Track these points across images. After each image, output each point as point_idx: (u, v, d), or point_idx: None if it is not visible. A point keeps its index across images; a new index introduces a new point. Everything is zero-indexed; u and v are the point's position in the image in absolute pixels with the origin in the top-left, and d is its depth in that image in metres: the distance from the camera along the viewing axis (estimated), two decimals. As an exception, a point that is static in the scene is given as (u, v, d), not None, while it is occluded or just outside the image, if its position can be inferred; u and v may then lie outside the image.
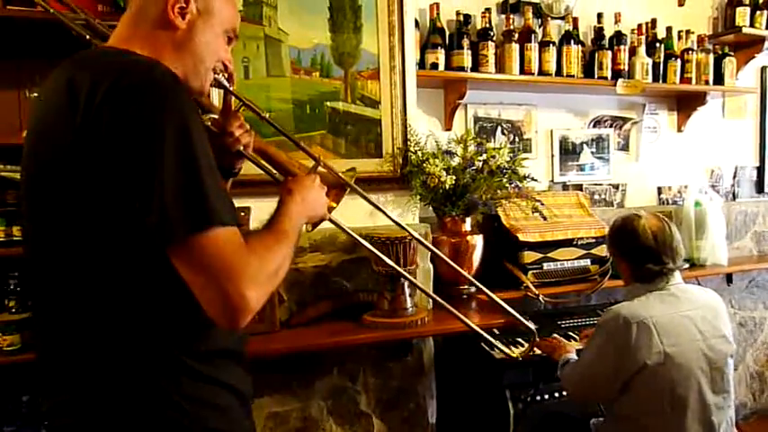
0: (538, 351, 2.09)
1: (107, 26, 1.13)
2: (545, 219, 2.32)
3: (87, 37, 1.10)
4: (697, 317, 1.69)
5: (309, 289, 1.97)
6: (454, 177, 2.09)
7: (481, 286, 1.53)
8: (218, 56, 1.05)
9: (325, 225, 1.69)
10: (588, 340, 1.81)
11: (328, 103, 2.01)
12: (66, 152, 0.85)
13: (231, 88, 1.12)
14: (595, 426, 1.91)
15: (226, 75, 1.09)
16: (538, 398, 2.12)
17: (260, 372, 1.90)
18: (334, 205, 1.27)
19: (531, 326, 1.62)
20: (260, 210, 1.80)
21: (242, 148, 1.12)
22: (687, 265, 1.81)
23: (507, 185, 2.21)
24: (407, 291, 1.92)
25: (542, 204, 2.29)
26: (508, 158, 2.21)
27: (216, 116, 1.15)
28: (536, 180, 2.32)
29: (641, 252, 1.73)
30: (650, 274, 1.72)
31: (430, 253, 2.11)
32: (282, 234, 0.98)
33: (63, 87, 0.87)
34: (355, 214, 1.53)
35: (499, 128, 2.70)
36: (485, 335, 1.52)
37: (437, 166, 2.05)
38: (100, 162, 0.83)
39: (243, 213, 1.86)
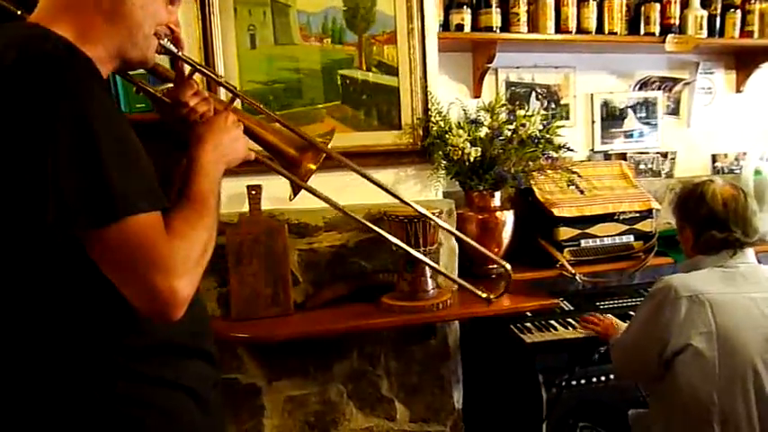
0: (584, 333, 1.97)
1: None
2: (582, 192, 2.17)
3: (18, 12, 0.99)
4: (764, 301, 1.53)
5: (326, 270, 1.88)
6: (480, 149, 1.94)
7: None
8: (159, 19, 0.94)
9: (343, 201, 1.61)
10: (637, 310, 1.70)
11: (341, 72, 1.88)
12: None
13: (180, 53, 1.01)
14: (633, 417, 1.78)
15: (171, 38, 0.99)
16: (573, 382, 1.99)
17: (276, 356, 1.86)
18: (313, 167, 1.15)
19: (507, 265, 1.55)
20: (273, 187, 1.72)
21: (199, 118, 1.01)
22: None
23: (540, 156, 2.05)
24: (428, 272, 1.80)
25: (579, 176, 2.13)
26: (541, 126, 2.04)
27: (171, 85, 1.06)
28: (572, 150, 2.15)
29: (707, 217, 1.58)
30: (714, 244, 1.57)
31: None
32: (203, 202, 0.89)
33: None
34: (370, 189, 1.43)
35: (533, 93, 2.52)
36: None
37: (461, 137, 1.90)
38: None
39: (254, 192, 1.80)
